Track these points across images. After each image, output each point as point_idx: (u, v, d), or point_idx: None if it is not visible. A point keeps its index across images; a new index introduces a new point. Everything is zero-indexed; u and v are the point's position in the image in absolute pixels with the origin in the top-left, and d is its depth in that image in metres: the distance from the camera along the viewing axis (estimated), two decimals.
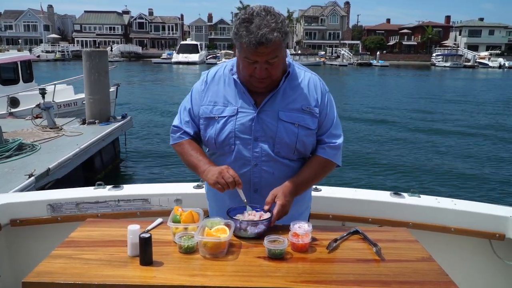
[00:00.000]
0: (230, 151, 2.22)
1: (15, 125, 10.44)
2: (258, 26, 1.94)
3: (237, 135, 2.19)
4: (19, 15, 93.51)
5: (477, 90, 37.37)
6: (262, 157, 2.19)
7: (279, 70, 2.12)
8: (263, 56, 2.00)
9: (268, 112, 2.17)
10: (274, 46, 1.97)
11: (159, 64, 70.40)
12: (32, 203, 3.01)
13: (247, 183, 2.22)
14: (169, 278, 1.68)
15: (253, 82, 2.14)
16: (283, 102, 2.19)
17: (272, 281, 1.69)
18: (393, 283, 1.70)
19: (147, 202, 3.10)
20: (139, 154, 12.83)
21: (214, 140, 2.23)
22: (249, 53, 2.00)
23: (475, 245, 2.97)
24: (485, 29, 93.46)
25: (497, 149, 14.40)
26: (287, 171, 2.23)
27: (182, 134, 2.37)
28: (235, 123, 2.18)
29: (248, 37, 1.95)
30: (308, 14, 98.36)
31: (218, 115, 2.21)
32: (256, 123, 2.17)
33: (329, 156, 2.29)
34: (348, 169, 11.02)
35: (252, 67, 2.06)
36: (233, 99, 2.21)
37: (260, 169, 2.21)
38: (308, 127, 2.20)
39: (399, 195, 3.09)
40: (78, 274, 1.69)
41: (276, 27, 1.96)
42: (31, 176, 6.54)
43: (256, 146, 2.19)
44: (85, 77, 11.03)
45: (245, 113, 2.18)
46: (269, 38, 1.93)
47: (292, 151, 2.21)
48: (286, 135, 2.17)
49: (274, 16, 1.99)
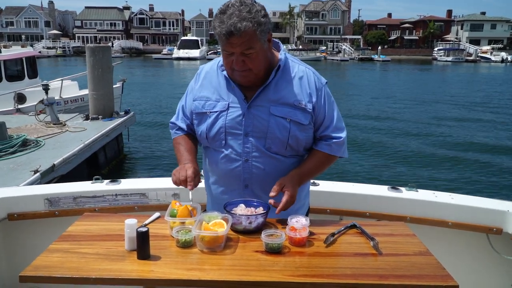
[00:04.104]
0: (221, 146, 2.21)
1: (18, 121, 10.47)
2: (229, 16, 1.93)
3: (228, 130, 2.18)
4: (20, 11, 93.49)
5: (479, 84, 37.28)
6: (253, 153, 2.18)
7: (258, 63, 2.07)
8: (236, 47, 1.98)
9: (259, 107, 2.15)
10: (246, 37, 1.95)
11: (160, 60, 70.38)
12: (30, 197, 3.01)
13: (237, 178, 2.22)
14: (167, 272, 1.69)
15: (235, 76, 2.12)
16: (274, 96, 2.16)
17: (269, 275, 1.69)
18: (390, 276, 1.71)
19: (144, 196, 3.10)
20: (142, 149, 12.86)
21: (206, 135, 2.23)
22: (224, 45, 2.00)
23: (472, 239, 2.97)
24: (487, 23, 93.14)
25: (496, 144, 14.39)
26: (278, 167, 2.21)
27: (177, 130, 2.42)
28: (226, 118, 2.17)
29: (220, 27, 1.95)
30: (309, 9, 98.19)
31: (210, 110, 2.21)
32: (247, 118, 2.15)
33: (334, 153, 2.29)
34: (346, 163, 11.00)
35: (230, 60, 2.05)
36: (225, 94, 2.20)
37: (251, 164, 2.19)
38: (300, 122, 2.17)
39: (396, 190, 3.09)
40: (76, 268, 1.70)
41: (247, 16, 1.93)
42: (37, 172, 6.56)
43: (247, 142, 2.17)
44: (89, 73, 11.02)
45: (235, 108, 2.17)
46: (238, 27, 1.91)
47: (284, 147, 2.19)
48: (278, 130, 2.15)
49: (248, 6, 1.96)
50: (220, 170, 2.26)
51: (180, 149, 2.34)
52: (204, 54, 71.75)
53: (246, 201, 2.13)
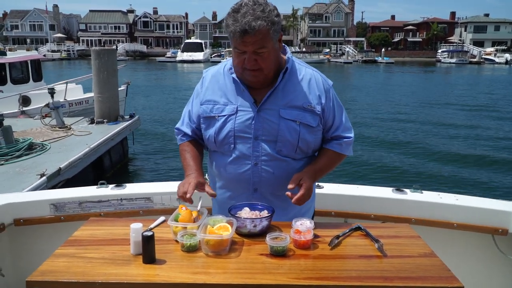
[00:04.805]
0: (229, 150, 2.21)
1: (24, 124, 10.51)
2: (244, 15, 1.95)
3: (237, 134, 2.17)
4: (25, 15, 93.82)
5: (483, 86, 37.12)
6: (263, 156, 2.18)
7: (270, 63, 2.09)
8: (249, 45, 1.99)
9: (268, 110, 2.16)
10: (260, 35, 1.96)
11: (164, 62, 70.53)
12: (35, 202, 3.02)
13: (247, 182, 2.22)
14: (172, 276, 1.69)
15: (246, 76, 2.12)
16: (284, 99, 2.17)
17: (274, 278, 1.69)
18: (395, 278, 1.71)
19: (149, 200, 3.10)
20: (146, 153, 12.89)
21: (214, 139, 2.23)
22: (236, 43, 2.01)
23: (477, 240, 2.96)
24: (491, 25, 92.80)
25: (501, 145, 14.35)
26: (287, 170, 2.20)
27: (183, 136, 2.42)
28: (235, 122, 2.17)
29: (234, 25, 1.96)
30: (312, 12, 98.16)
31: (218, 114, 2.20)
32: (257, 121, 2.15)
33: (344, 152, 2.34)
34: (351, 165, 10.99)
35: (242, 58, 2.05)
36: (233, 97, 2.20)
37: (260, 168, 2.19)
38: (309, 125, 2.18)
39: (401, 191, 3.09)
40: (82, 272, 1.71)
41: (261, 15, 1.95)
42: (43, 176, 6.58)
43: (257, 145, 2.17)
44: (94, 76, 11.06)
45: (244, 111, 2.17)
46: (253, 25, 1.93)
47: (294, 149, 2.20)
48: (288, 133, 2.15)
49: (261, 5, 1.98)
50: (228, 174, 2.26)
51: (186, 157, 2.34)
52: (208, 57, 71.85)
53: (250, 204, 2.14)
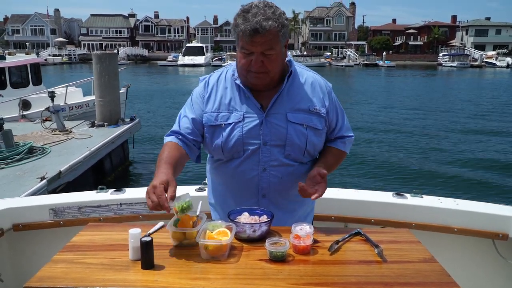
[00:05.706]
0: (238, 157, 2.19)
1: (24, 128, 10.53)
2: (254, 15, 1.95)
3: (245, 140, 2.15)
4: (26, 19, 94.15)
5: (485, 90, 37.12)
6: (271, 162, 2.17)
7: (276, 65, 2.08)
8: (258, 46, 1.98)
9: (276, 114, 2.15)
10: (270, 36, 1.97)
11: (165, 66, 70.73)
12: (35, 207, 3.01)
13: (255, 188, 2.21)
14: (171, 282, 1.68)
15: (250, 79, 2.11)
16: (289, 103, 2.17)
17: (273, 283, 1.68)
18: (395, 284, 1.69)
19: None
20: (147, 156, 12.87)
21: (222, 148, 2.19)
22: (245, 43, 2.00)
23: (478, 245, 2.95)
24: (492, 29, 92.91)
25: (501, 149, 14.34)
26: (296, 175, 2.21)
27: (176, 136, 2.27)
28: (242, 129, 2.15)
29: (244, 24, 1.96)
30: (313, 15, 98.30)
31: (224, 122, 2.17)
32: (265, 127, 2.14)
33: (347, 150, 2.40)
34: (351, 170, 10.99)
35: (249, 59, 2.04)
36: (238, 104, 2.18)
37: (269, 174, 2.18)
38: (316, 128, 2.20)
39: (401, 196, 3.08)
40: (80, 278, 1.70)
41: (272, 16, 1.96)
42: (43, 179, 6.58)
43: (266, 151, 2.16)
44: (95, 80, 11.10)
45: (251, 118, 2.15)
46: (264, 25, 1.93)
47: (302, 153, 2.20)
48: (296, 137, 2.15)
49: (272, 7, 2.00)
50: (236, 181, 2.24)
51: (162, 157, 2.12)
52: (209, 61, 72.01)
53: (250, 209, 2.13)
